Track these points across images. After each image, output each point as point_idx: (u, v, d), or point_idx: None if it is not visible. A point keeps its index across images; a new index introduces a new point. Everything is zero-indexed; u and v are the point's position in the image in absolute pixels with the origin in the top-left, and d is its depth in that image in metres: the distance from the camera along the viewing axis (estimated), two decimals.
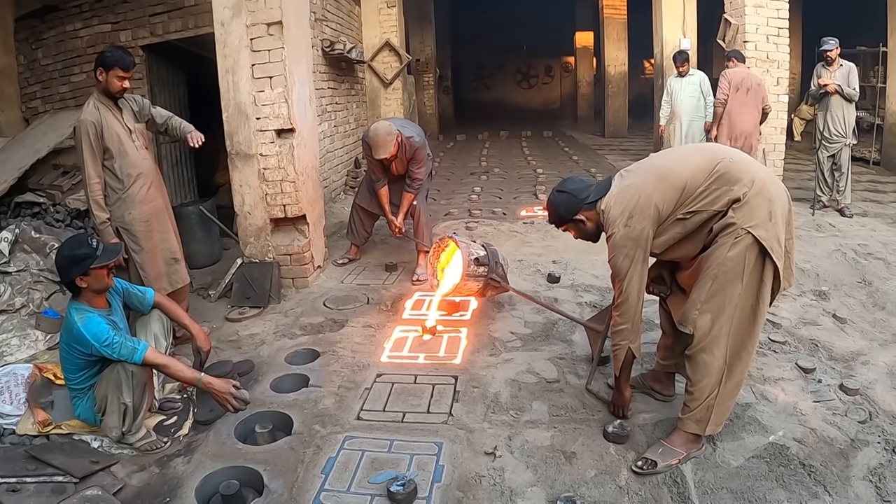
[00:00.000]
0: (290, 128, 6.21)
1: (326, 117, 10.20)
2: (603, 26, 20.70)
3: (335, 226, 9.02)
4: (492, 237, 7.97)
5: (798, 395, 4.33)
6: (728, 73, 8.77)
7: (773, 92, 9.75)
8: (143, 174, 5.15)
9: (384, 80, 13.83)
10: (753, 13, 9.59)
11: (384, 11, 13.81)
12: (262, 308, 6.15)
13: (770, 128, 9.84)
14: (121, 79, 4.91)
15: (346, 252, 7.58)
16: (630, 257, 3.57)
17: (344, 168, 11.38)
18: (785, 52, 9.82)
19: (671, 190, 3.50)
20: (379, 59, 13.87)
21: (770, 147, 9.85)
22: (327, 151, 10.14)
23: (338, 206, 10.22)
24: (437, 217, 8.91)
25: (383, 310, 6.02)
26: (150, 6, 8.13)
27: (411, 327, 5.53)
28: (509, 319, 5.68)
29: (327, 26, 10.43)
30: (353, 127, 12.15)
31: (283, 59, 6.08)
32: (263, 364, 4.99)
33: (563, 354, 4.97)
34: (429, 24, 21.38)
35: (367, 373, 4.76)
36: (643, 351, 4.32)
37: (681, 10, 14.30)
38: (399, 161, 6.73)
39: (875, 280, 6.46)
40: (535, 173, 13.39)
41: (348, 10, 12.30)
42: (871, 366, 4.79)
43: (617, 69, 20.56)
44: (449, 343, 5.23)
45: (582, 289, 6.37)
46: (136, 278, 5.11)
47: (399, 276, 6.94)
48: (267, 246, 6.51)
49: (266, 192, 6.36)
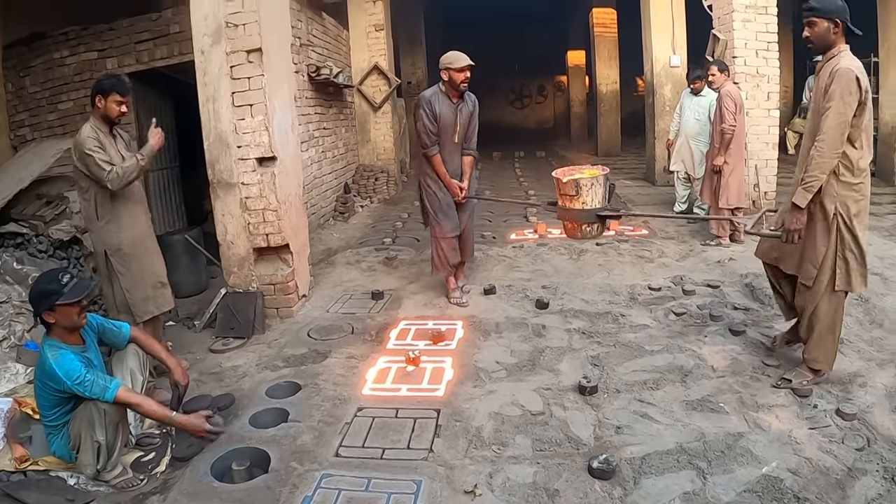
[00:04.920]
0: (271, 156, 6.15)
1: (314, 143, 10.15)
2: (594, 45, 20.72)
3: (323, 253, 8.90)
4: (480, 263, 7.91)
5: (793, 422, 4.22)
6: (731, 92, 8.58)
7: (764, 107, 9.72)
8: (132, 199, 5.18)
9: (373, 103, 13.77)
10: (742, 28, 9.51)
11: (372, 35, 13.77)
12: (246, 339, 6.05)
13: (761, 143, 9.78)
14: (119, 103, 4.96)
15: (454, 292, 6.82)
16: (843, 113, 4.22)
17: (333, 194, 11.30)
18: (775, 67, 9.74)
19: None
20: (368, 83, 13.82)
21: (762, 163, 9.76)
22: (315, 178, 10.08)
23: (326, 232, 10.10)
24: (424, 243, 8.80)
25: (368, 339, 5.92)
26: (136, 33, 8.16)
27: (395, 358, 5.41)
28: (495, 348, 5.57)
29: (313, 51, 10.40)
30: (341, 152, 12.10)
31: (263, 87, 6.04)
32: (244, 398, 4.88)
33: (548, 385, 4.85)
34: (419, 46, 21.46)
35: (347, 406, 4.65)
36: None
37: (670, 27, 14.28)
38: (462, 118, 6.56)
39: (872, 296, 6.35)
40: (527, 195, 13.32)
41: (335, 35, 12.29)
42: (868, 388, 4.66)
43: (609, 87, 20.57)
44: (433, 374, 5.11)
45: (571, 314, 6.27)
46: (122, 301, 5.10)
47: (385, 305, 6.81)
48: (250, 275, 6.43)
49: (248, 221, 6.29)
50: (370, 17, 13.74)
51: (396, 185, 14.15)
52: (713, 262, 7.90)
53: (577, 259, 8.07)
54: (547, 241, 9.02)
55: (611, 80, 20.63)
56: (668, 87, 13.57)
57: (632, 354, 5.32)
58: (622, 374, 4.99)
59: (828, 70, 4.35)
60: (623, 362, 5.19)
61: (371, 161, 13.89)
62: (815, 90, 4.50)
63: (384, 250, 8.75)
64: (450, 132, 6.50)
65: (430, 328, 6.00)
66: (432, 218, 6.66)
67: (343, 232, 10.18)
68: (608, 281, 7.20)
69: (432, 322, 6.20)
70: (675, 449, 3.94)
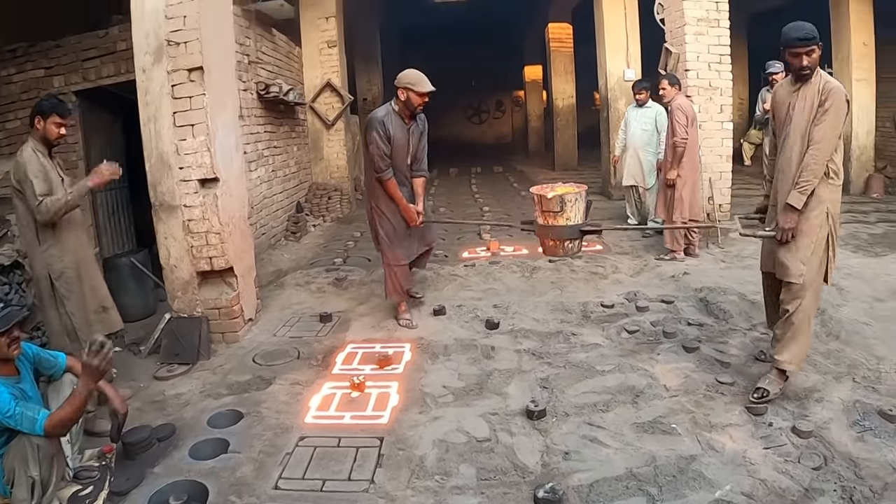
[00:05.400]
0: (213, 177, 6.02)
1: (263, 162, 10.00)
2: (550, 59, 20.81)
3: (273, 274, 8.73)
4: (431, 282, 7.80)
5: (747, 442, 4.17)
6: (683, 106, 8.58)
7: (717, 119, 9.73)
8: (74, 222, 5.08)
9: (326, 121, 13.62)
10: (694, 41, 9.53)
11: (325, 52, 13.62)
12: (191, 365, 5.88)
13: (715, 156, 9.78)
14: (58, 125, 4.88)
15: (404, 314, 6.67)
16: (837, 126, 4.68)
17: (284, 213, 11.14)
18: (727, 79, 9.77)
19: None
20: (320, 101, 13.67)
21: (716, 175, 9.76)
22: (265, 197, 9.93)
23: (277, 253, 9.93)
24: (375, 263, 8.67)
25: (314, 364, 5.77)
26: (83, 51, 7.98)
27: (341, 383, 5.29)
28: (442, 371, 5.47)
29: (263, 69, 10.26)
30: (293, 170, 11.95)
31: (204, 106, 5.92)
32: (185, 427, 4.72)
33: (496, 409, 4.74)
34: (375, 63, 21.37)
35: (289, 436, 4.52)
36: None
37: (624, 41, 14.40)
38: (414, 139, 6.42)
39: (828, 308, 6.34)
40: (482, 211, 13.28)
41: (287, 52, 12.15)
42: (825, 403, 4.65)
43: (565, 102, 20.64)
44: (378, 400, 4.99)
45: (521, 335, 6.18)
46: (69, 326, 4.98)
47: (334, 328, 6.67)
48: (195, 300, 6.27)
49: (191, 244, 6.13)
50: (323, 33, 13.59)
51: (350, 204, 14.02)
52: (667, 277, 7.88)
53: (530, 277, 8.00)
54: (500, 259, 8.95)
55: (567, 94, 20.71)
56: (623, 101, 13.62)
57: (582, 375, 5.25)
58: (572, 396, 4.91)
59: (815, 87, 4.74)
60: (573, 384, 5.11)
61: (324, 179, 13.74)
62: (799, 103, 4.82)
63: (335, 271, 8.59)
64: (402, 154, 6.35)
65: (377, 351, 5.89)
66: (385, 245, 6.45)
67: (294, 252, 10.02)
68: (561, 299, 7.15)
69: (380, 345, 6.08)
70: (624, 475, 3.87)
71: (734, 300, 6.79)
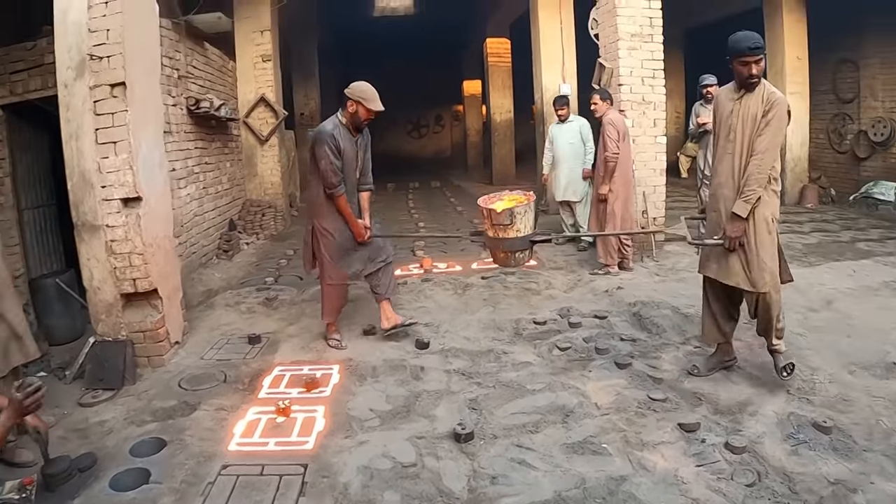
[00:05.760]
0: (136, 196, 5.85)
1: (193, 179, 9.77)
2: (488, 74, 20.90)
3: (203, 294, 8.49)
4: (361, 302, 7.69)
5: (679, 460, 4.17)
6: (615, 121, 8.62)
7: (651, 133, 9.81)
8: None
9: (260, 136, 13.40)
10: (627, 56, 9.61)
11: (259, 66, 13.43)
12: (115, 391, 5.68)
13: (649, 170, 9.87)
14: None
15: (334, 334, 6.54)
16: (779, 136, 4.92)
17: (216, 231, 10.90)
18: (661, 94, 9.87)
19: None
20: (254, 116, 13.44)
21: (650, 189, 9.84)
22: (195, 215, 9.71)
23: (208, 272, 9.67)
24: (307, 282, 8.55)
25: (240, 388, 5.62)
26: (11, 63, 7.67)
27: (266, 408, 5.15)
28: (370, 393, 5.37)
29: (193, 83, 10.06)
30: (226, 187, 11.73)
31: (127, 123, 5.76)
32: (107, 457, 4.54)
33: (422, 433, 4.67)
34: (313, 77, 21.19)
35: (212, 464, 4.38)
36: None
37: (560, 56, 14.53)
38: (360, 153, 6.35)
39: None
40: (417, 227, 13.25)
41: (220, 66, 11.95)
42: (759, 416, 4.69)
43: (503, 116, 20.77)
44: (303, 425, 4.87)
45: (452, 354, 6.14)
46: None
47: (262, 349, 6.52)
48: (119, 323, 6.09)
49: (115, 265, 5.96)
50: (257, 47, 13.41)
51: (285, 221, 13.82)
52: (601, 292, 7.91)
53: (462, 294, 7.97)
54: (432, 276, 8.90)
55: (505, 109, 20.83)
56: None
57: (512, 395, 5.21)
58: (501, 417, 4.86)
59: (759, 97, 4.93)
60: (502, 404, 5.07)
61: (258, 196, 13.50)
62: (743, 112, 4.99)
63: (265, 290, 8.41)
64: (352, 168, 6.27)
65: (304, 374, 5.76)
66: (326, 263, 6.31)
67: (226, 271, 9.80)
68: (493, 316, 7.13)
69: (308, 367, 5.96)
70: (552, 499, 3.83)
71: (667, 314, 6.83)
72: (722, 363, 5.58)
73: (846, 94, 15.39)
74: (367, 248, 6.46)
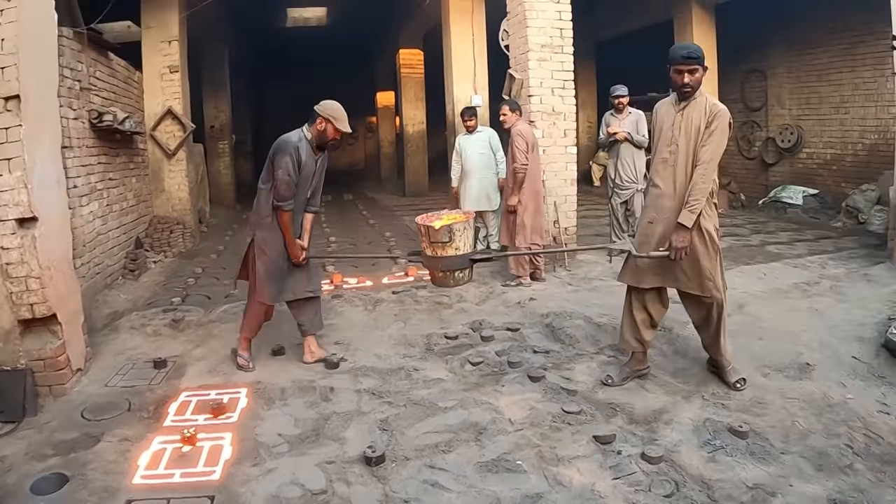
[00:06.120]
0: (31, 216, 5.59)
1: (97, 196, 9.44)
2: (401, 85, 20.86)
3: (108, 317, 8.12)
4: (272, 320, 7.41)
5: (596, 474, 4.17)
6: (523, 132, 8.64)
7: (561, 144, 9.92)
8: None
9: (167, 150, 13.00)
10: (537, 67, 9.69)
11: (167, 77, 13.02)
12: (16, 423, 5.41)
13: (560, 180, 9.96)
14: None
15: (244, 352, 6.36)
16: (721, 147, 5.07)
17: (121, 250, 10.51)
18: (571, 104, 9.98)
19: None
20: (161, 129, 13.01)
21: (561, 199, 9.92)
22: (98, 234, 9.37)
23: (113, 293, 9.29)
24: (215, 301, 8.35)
25: (144, 417, 5.39)
26: None
27: (172, 437, 4.95)
28: (279, 417, 5.24)
29: (96, 95, 9.71)
30: (131, 204, 11.36)
31: (21, 139, 5.49)
32: (8, 495, 4.33)
33: (332, 457, 4.56)
34: (223, 89, 20.56)
35: (115, 500, 4.20)
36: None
37: (472, 67, 14.58)
38: (318, 173, 6.22)
39: (675, 325, 6.49)
40: (328, 241, 13.16)
41: (125, 77, 11.57)
42: (675, 424, 4.74)
43: (415, 128, 20.77)
44: (210, 453, 4.71)
45: (362, 373, 6.05)
46: None
47: (168, 374, 6.27)
48: (17, 351, 5.80)
49: (11, 290, 5.68)
50: (165, 57, 13.02)
51: (193, 237, 13.45)
52: (513, 304, 7.93)
53: (373, 310, 7.91)
54: (342, 292, 8.80)
55: (417, 120, 20.83)
56: None
57: (424, 414, 5.17)
58: (412, 437, 4.82)
59: (701, 108, 5.07)
60: (414, 423, 5.02)
61: (166, 212, 13.06)
62: (685, 123, 5.12)
63: (172, 311, 8.08)
64: (306, 185, 6.13)
65: (211, 399, 5.58)
66: (259, 281, 6.12)
67: (132, 292, 9.46)
68: (404, 332, 7.09)
69: (215, 392, 5.77)
70: None
71: (580, 324, 6.89)
72: (635, 372, 5.66)
73: (754, 103, 16.01)
74: (300, 272, 6.31)
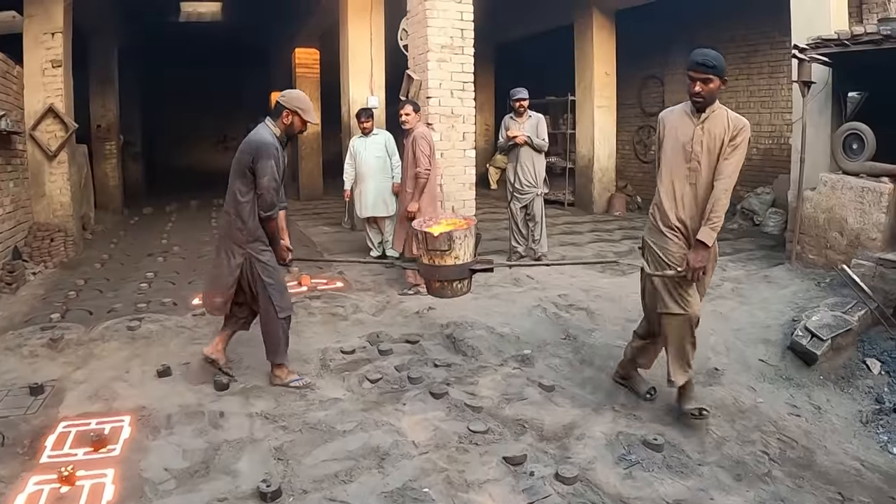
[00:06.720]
0: None
1: None
2: (296, 85, 20.53)
3: None
4: (157, 337, 7.04)
5: (508, 499, 4.02)
6: (426, 135, 8.56)
7: (460, 147, 9.88)
8: None
9: (48, 151, 12.12)
10: (437, 68, 9.62)
11: (49, 73, 12.09)
12: None
13: (458, 184, 9.93)
14: None
15: (292, 376, 5.99)
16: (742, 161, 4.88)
17: None
18: (470, 107, 9.96)
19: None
20: (42, 128, 12.07)
21: (459, 203, 9.88)
22: None
23: None
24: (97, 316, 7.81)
25: (19, 453, 4.79)
26: None
27: (49, 476, 4.41)
28: (165, 449, 4.77)
29: None
30: (9, 210, 10.66)
31: None
32: None
33: (224, 493, 4.19)
34: (112, 85, 19.53)
35: None
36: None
37: (368, 67, 14.40)
38: (284, 162, 5.85)
39: (580, 334, 6.42)
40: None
41: (3, 72, 10.86)
42: (587, 439, 4.65)
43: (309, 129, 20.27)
44: (91, 493, 4.23)
45: (254, 394, 5.67)
46: None
47: (45, 401, 5.63)
48: None
49: None
50: (48, 51, 12.06)
51: (77, 246, 12.61)
52: (412, 314, 7.75)
53: None
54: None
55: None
56: None
57: (321, 439, 4.89)
58: (310, 466, 4.52)
59: (722, 122, 4.87)
60: (311, 450, 4.73)
61: (47, 218, 12.20)
62: (707, 138, 4.87)
63: (51, 329, 7.36)
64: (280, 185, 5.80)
65: (92, 429, 4.99)
66: (279, 294, 5.79)
67: (8, 307, 8.67)
68: (297, 346, 6.67)
69: (95, 421, 5.18)
70: None
71: (482, 334, 6.77)
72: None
73: (651, 108, 16.60)
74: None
